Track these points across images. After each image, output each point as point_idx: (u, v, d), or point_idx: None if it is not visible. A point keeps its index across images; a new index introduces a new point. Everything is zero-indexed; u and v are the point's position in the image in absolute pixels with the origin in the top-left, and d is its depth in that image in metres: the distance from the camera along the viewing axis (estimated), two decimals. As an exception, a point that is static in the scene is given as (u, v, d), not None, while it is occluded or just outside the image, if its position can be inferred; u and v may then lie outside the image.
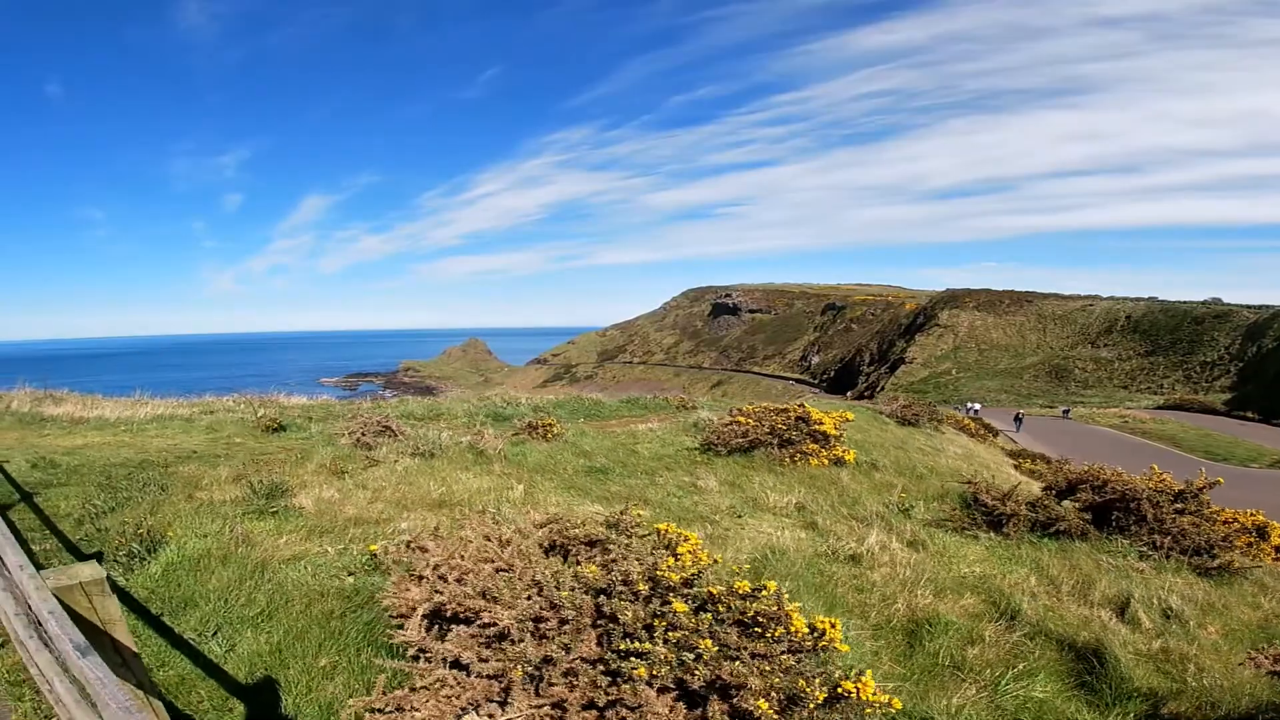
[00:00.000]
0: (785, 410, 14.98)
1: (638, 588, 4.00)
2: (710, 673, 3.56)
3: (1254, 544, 9.89)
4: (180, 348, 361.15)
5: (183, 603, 5.29)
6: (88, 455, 10.84)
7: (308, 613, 5.08)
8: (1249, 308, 73.36)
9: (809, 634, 4.10)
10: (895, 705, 3.76)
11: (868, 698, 3.69)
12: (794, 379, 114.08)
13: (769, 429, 14.05)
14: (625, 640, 3.67)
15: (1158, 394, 68.11)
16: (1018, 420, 46.47)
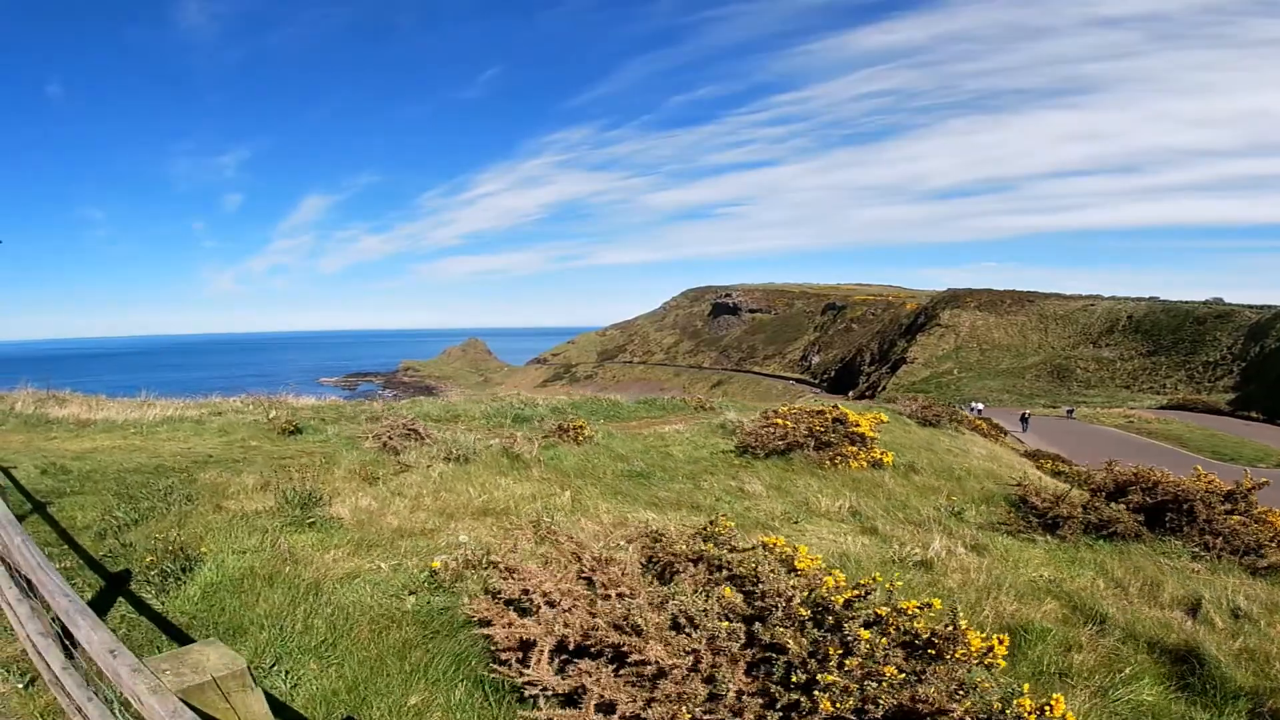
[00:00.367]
0: (821, 412, 14.47)
1: (798, 612, 3.47)
2: (896, 700, 3.06)
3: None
4: (180, 348, 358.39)
5: (230, 630, 4.69)
6: (99, 460, 10.21)
7: (379, 641, 4.48)
8: (1251, 308, 73.16)
9: (984, 652, 3.64)
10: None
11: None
12: (794, 379, 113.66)
13: (806, 431, 13.56)
14: (797, 671, 3.20)
15: (1160, 394, 67.86)
16: (1024, 420, 46.05)
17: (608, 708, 3.14)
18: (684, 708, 2.98)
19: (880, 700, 3.04)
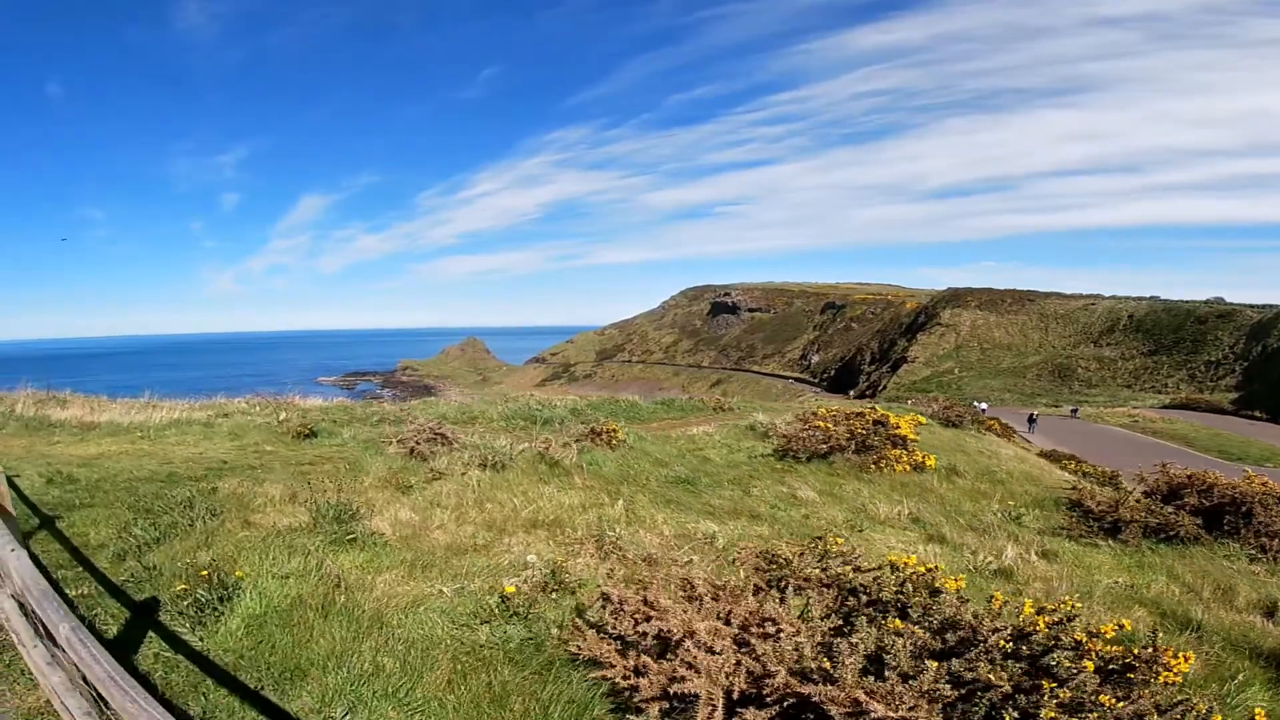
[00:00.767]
0: (861, 414, 13.90)
1: (999, 644, 2.96)
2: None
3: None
4: (178, 347, 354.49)
5: (287, 671, 4.02)
6: (107, 467, 9.48)
7: (466, 684, 3.82)
8: (1252, 307, 72.90)
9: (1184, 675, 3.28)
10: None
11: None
12: (793, 378, 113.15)
13: (848, 434, 12.98)
14: (1007, 710, 2.89)
15: (1162, 393, 67.55)
16: (1032, 420, 45.52)
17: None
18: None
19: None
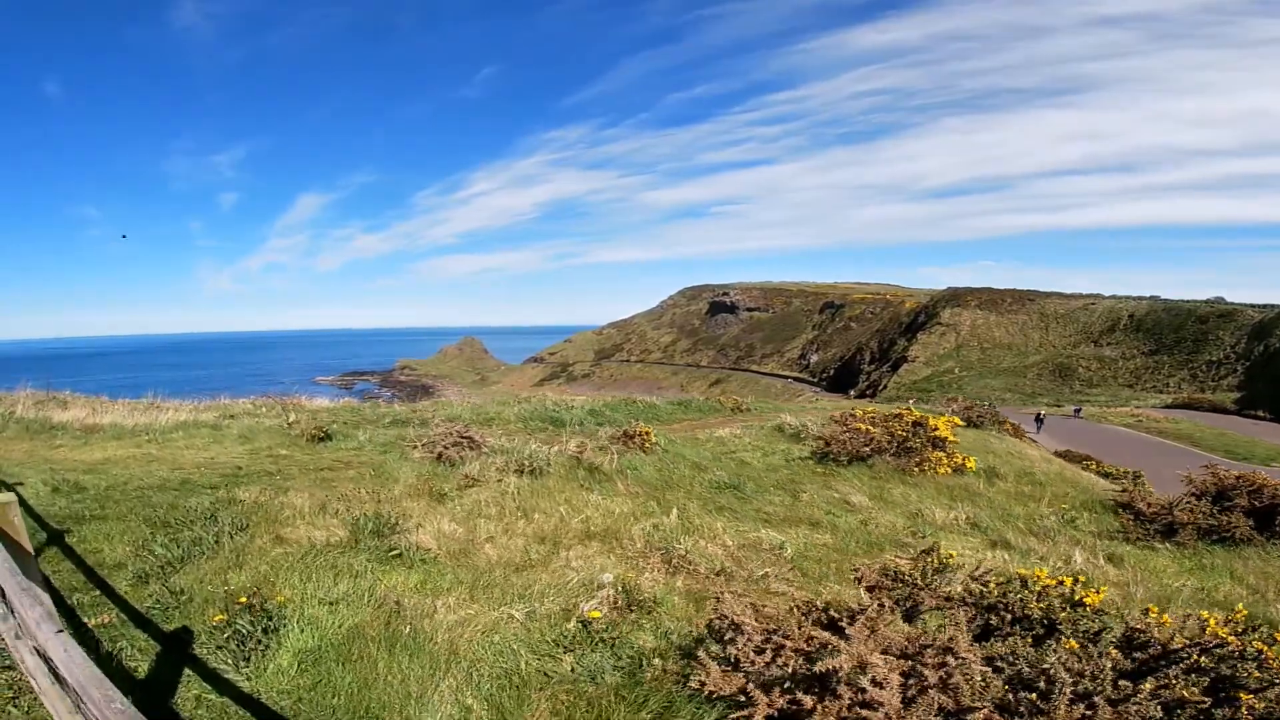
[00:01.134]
0: (899, 415, 13.36)
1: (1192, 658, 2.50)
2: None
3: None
4: (176, 347, 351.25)
5: (358, 718, 3.42)
6: (114, 474, 8.85)
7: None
8: (1253, 306, 72.78)
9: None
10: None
11: None
12: (793, 377, 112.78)
13: (889, 435, 12.45)
14: None
15: (1164, 393, 67.35)
16: (1039, 420, 45.08)
17: None
18: None
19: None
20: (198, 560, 5.48)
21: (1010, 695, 2.83)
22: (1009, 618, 3.88)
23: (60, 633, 2.33)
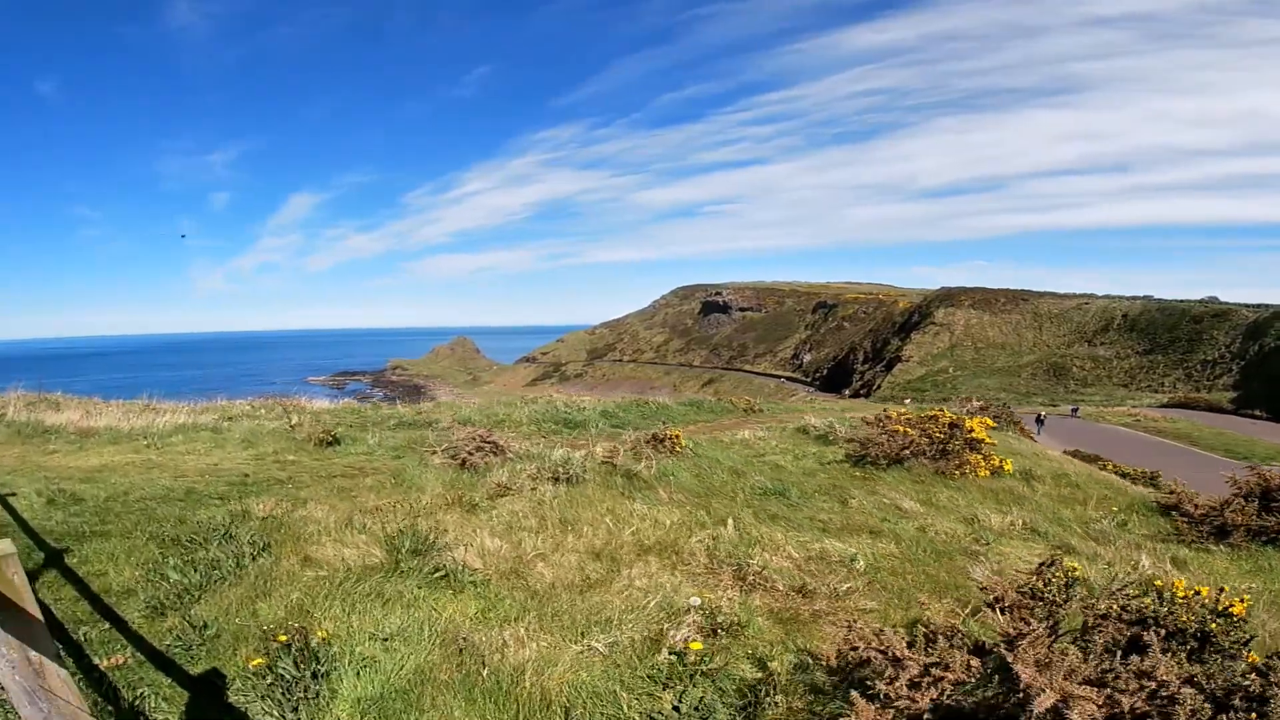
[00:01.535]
0: (934, 417, 12.82)
1: None
2: None
3: None
4: (168, 347, 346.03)
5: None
6: (114, 483, 8.15)
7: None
8: (1247, 306, 72.98)
9: None
10: None
11: None
12: (786, 377, 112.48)
13: (927, 437, 11.93)
14: None
15: (1159, 392, 67.40)
16: (1040, 421, 44.71)
17: None
18: None
19: None
20: (219, 587, 4.82)
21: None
22: (1162, 632, 3.38)
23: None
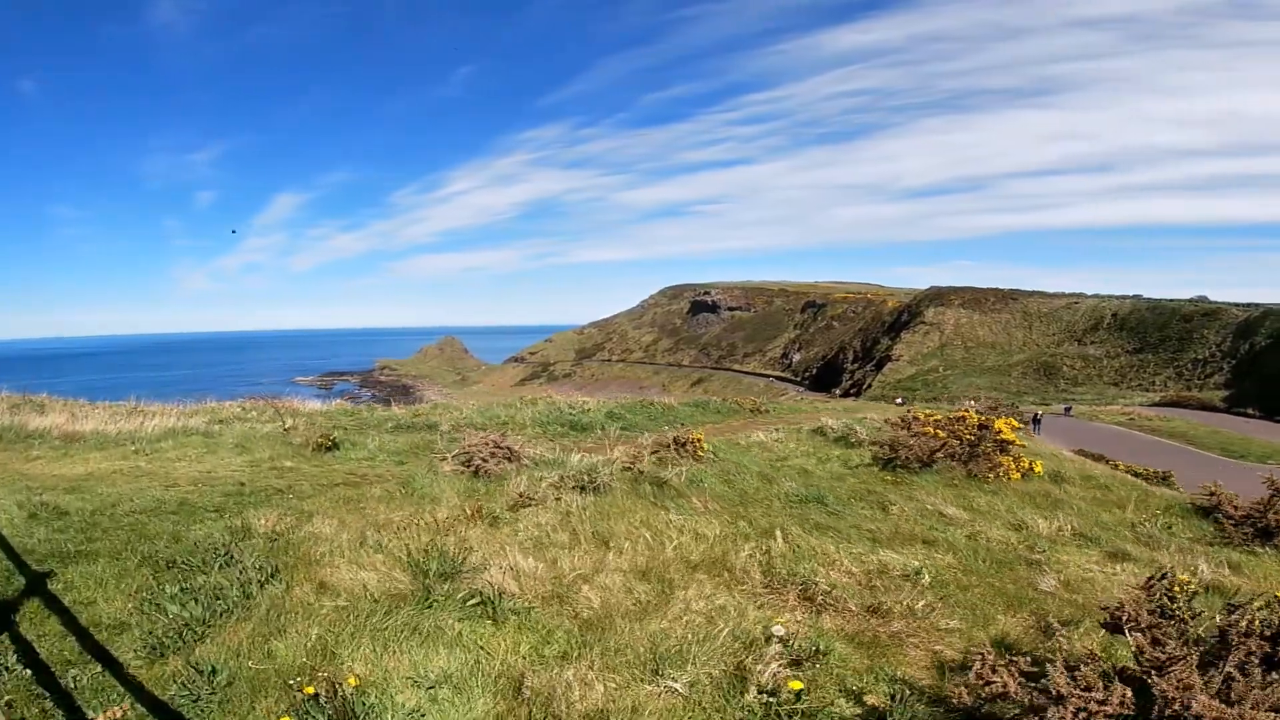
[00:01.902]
0: (963, 418, 12.33)
1: None
2: None
3: None
4: (153, 347, 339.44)
5: None
6: (101, 493, 7.48)
7: None
8: (1237, 305, 73.29)
9: None
10: None
11: None
12: (775, 376, 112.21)
13: (957, 439, 11.46)
14: None
15: (1150, 391, 67.53)
16: (1036, 421, 44.41)
17: None
18: None
19: None
20: (225, 621, 4.20)
21: None
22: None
23: None
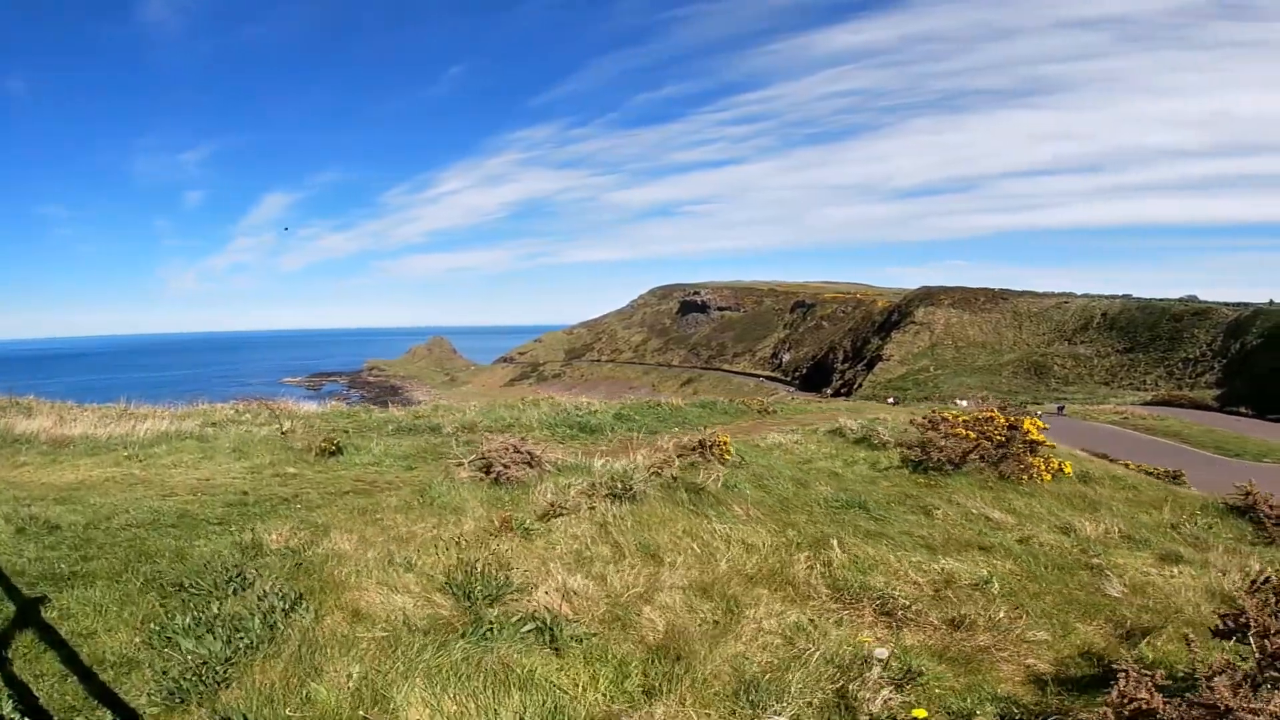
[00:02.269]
0: (991, 418, 11.92)
1: None
2: None
3: None
4: (141, 348, 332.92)
5: None
6: (94, 504, 6.89)
7: None
8: (1227, 305, 73.73)
9: None
10: None
11: None
12: (765, 376, 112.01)
13: (988, 440, 11.09)
14: None
15: (1141, 390, 67.74)
16: None
17: None
18: None
19: None
20: (249, 658, 3.66)
21: None
22: None
23: None
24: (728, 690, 3.46)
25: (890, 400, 60.10)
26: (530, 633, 4.00)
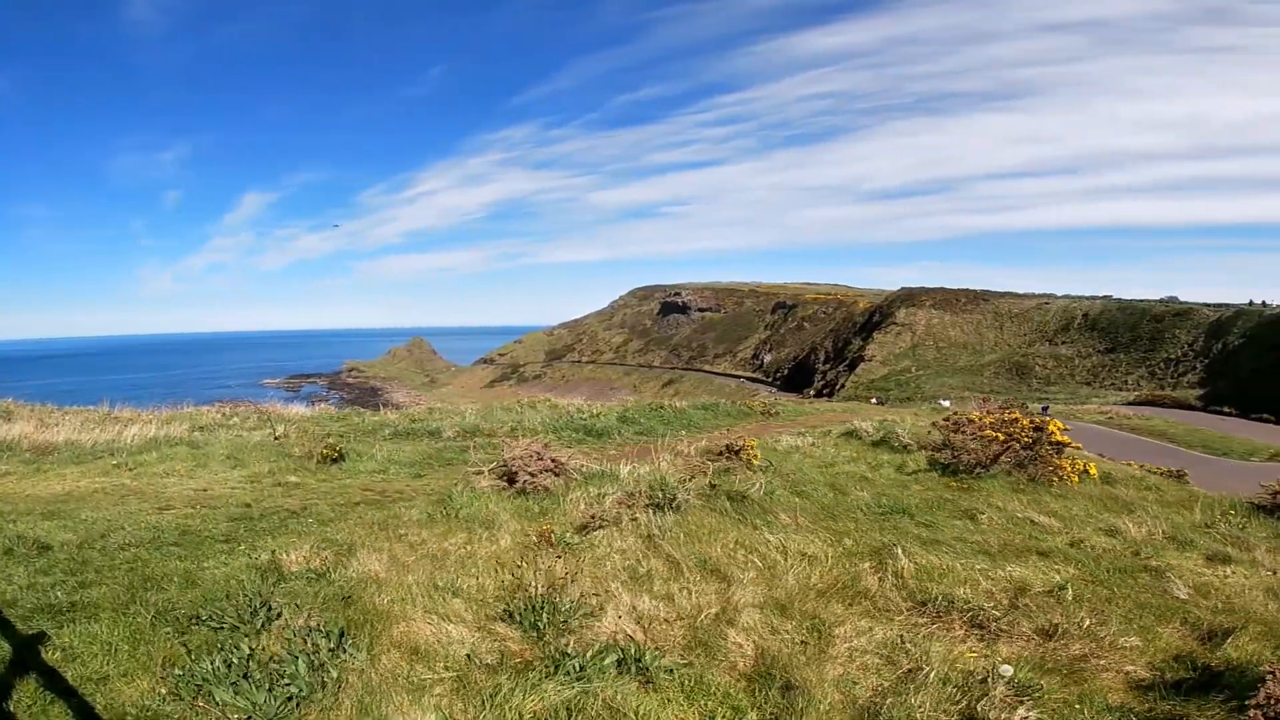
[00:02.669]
0: (1015, 419, 11.60)
1: None
2: None
3: None
4: (116, 349, 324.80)
5: None
6: (85, 519, 6.27)
7: None
8: (1208, 306, 74.63)
9: None
10: None
11: None
12: (746, 377, 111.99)
13: (1016, 441, 10.77)
14: None
15: (1123, 390, 68.35)
16: None
17: None
18: None
19: None
20: (303, 713, 3.13)
21: None
22: None
23: None
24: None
25: (874, 400, 60.10)
26: (611, 664, 3.51)
